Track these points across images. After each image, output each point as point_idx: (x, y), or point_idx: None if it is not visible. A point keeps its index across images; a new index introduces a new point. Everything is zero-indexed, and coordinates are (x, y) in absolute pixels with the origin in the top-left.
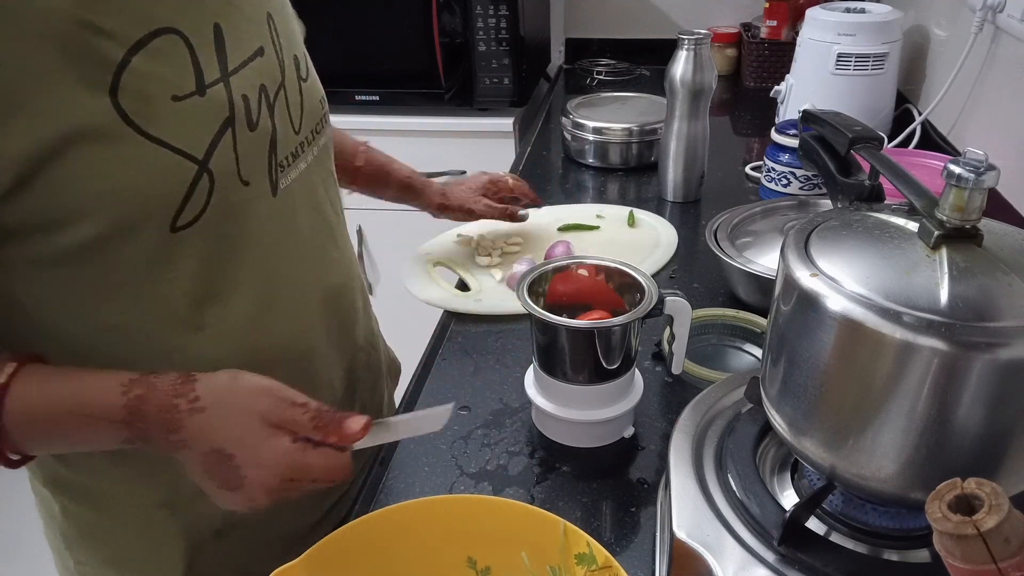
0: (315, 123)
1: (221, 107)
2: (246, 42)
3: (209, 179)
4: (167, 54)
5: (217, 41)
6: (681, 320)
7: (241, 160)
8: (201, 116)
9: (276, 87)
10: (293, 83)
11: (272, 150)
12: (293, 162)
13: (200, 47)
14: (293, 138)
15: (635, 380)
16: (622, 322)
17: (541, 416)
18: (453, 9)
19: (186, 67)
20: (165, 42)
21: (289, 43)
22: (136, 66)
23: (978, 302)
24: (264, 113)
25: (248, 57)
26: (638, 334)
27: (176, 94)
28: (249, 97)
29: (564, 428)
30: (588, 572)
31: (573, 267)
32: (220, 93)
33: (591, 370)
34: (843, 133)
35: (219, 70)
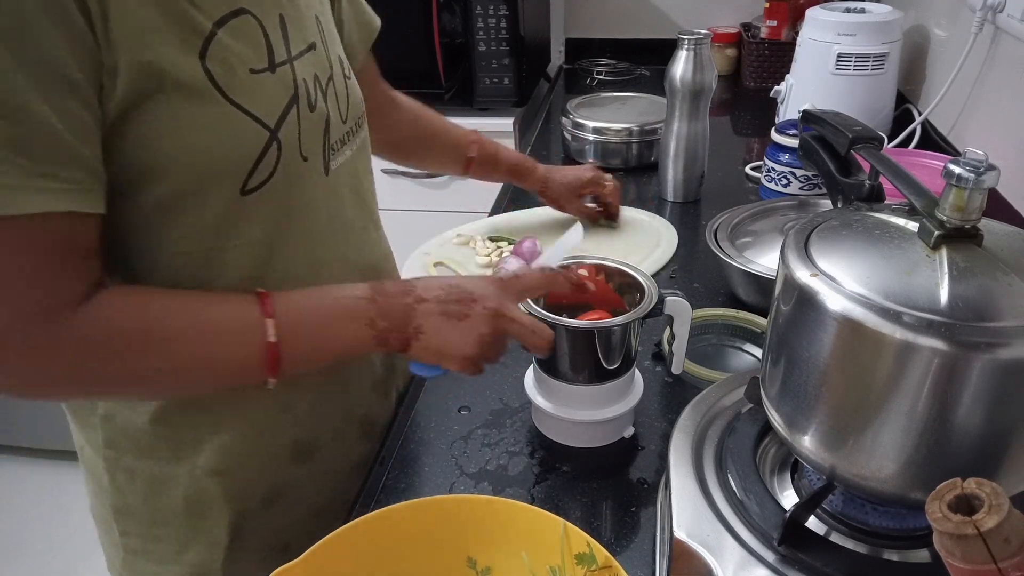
0: (358, 116)
1: (288, 85)
2: (302, 35)
3: (278, 147)
4: (245, 32)
5: (282, 28)
6: (681, 320)
7: (303, 136)
8: (272, 90)
9: (327, 78)
10: (340, 78)
11: (326, 132)
12: (341, 148)
13: (271, 30)
14: (341, 126)
15: (635, 380)
16: (622, 322)
17: (541, 416)
18: (453, 9)
19: (260, 46)
20: (243, 22)
21: (333, 44)
22: (221, 38)
23: (978, 302)
24: (319, 98)
25: (304, 48)
26: (638, 334)
27: (253, 68)
28: (308, 81)
29: (564, 428)
30: (588, 572)
31: (573, 267)
32: (287, 73)
33: (591, 370)
34: (843, 133)
35: (286, 53)
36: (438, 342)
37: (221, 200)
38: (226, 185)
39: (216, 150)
